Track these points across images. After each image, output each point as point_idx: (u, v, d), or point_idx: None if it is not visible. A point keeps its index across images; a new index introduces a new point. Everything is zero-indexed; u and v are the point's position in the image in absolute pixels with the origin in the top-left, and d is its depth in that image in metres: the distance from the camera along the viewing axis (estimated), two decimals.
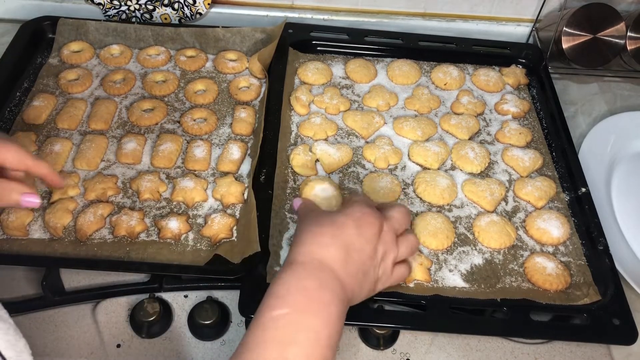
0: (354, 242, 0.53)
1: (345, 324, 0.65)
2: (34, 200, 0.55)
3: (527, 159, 0.81)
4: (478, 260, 0.71)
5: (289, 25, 0.95)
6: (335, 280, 0.51)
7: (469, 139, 0.85)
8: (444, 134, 0.86)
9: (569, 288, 0.69)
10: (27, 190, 0.55)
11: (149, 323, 0.64)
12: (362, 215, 0.55)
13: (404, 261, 0.61)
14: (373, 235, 0.55)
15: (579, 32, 0.95)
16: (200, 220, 0.72)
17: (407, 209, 0.60)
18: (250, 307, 0.62)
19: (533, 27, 1.03)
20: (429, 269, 0.69)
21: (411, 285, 0.67)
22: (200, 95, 0.86)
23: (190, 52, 0.92)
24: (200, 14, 0.98)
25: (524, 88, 0.95)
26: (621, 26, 0.95)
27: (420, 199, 0.76)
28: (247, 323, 0.65)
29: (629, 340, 0.64)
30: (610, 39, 0.95)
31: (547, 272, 0.69)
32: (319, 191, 0.71)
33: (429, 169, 0.80)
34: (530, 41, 1.04)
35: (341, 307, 0.51)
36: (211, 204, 0.74)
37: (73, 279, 0.68)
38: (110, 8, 0.97)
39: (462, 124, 0.85)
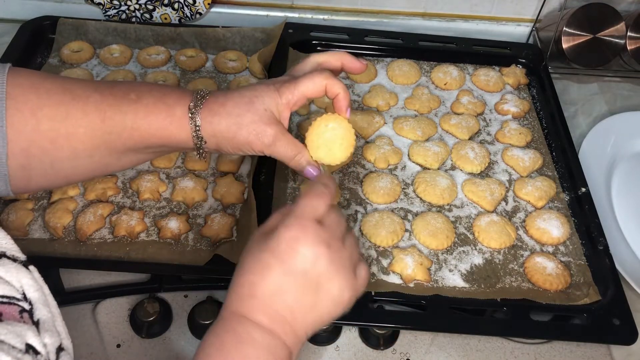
0: (280, 284, 0.46)
1: (346, 324, 0.66)
2: (314, 173, 0.58)
3: (527, 159, 0.81)
4: (478, 260, 0.71)
5: (289, 25, 0.95)
6: (257, 331, 0.46)
7: (469, 139, 0.85)
8: (444, 134, 0.86)
9: (569, 288, 0.69)
10: (313, 163, 0.58)
11: (149, 323, 0.64)
12: (288, 250, 0.46)
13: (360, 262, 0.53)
14: (306, 268, 0.46)
15: (579, 32, 0.95)
16: (200, 220, 0.72)
17: (327, 193, 0.51)
18: None
19: (533, 27, 1.03)
20: (429, 269, 0.69)
21: (411, 285, 0.67)
22: None
23: (190, 52, 0.92)
24: (200, 13, 0.98)
25: (524, 88, 0.95)
26: (621, 26, 0.94)
27: (420, 199, 0.76)
28: None
29: (629, 340, 0.64)
30: (610, 39, 0.95)
31: (547, 272, 0.69)
32: (325, 130, 0.59)
33: (429, 169, 0.80)
34: (530, 41, 1.04)
35: (271, 357, 0.46)
36: (211, 204, 0.74)
37: (73, 279, 0.68)
38: (110, 8, 0.97)
39: (462, 124, 0.85)
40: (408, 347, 0.66)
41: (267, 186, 0.74)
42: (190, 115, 0.55)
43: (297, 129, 0.83)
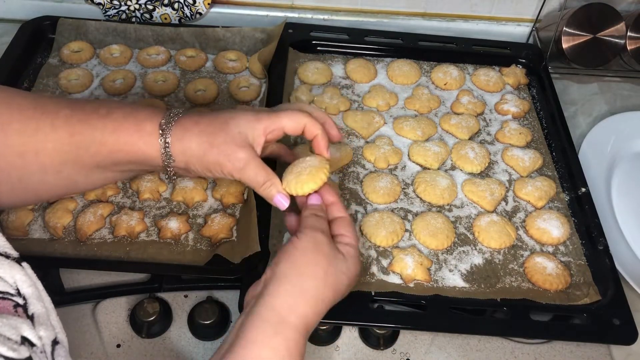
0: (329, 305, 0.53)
1: (346, 324, 0.66)
2: (283, 203, 0.58)
3: (527, 159, 0.81)
4: (478, 260, 0.71)
5: (289, 25, 0.95)
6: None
7: (469, 139, 0.85)
8: (444, 133, 0.86)
9: (569, 288, 0.69)
10: (283, 192, 0.58)
11: (149, 323, 0.64)
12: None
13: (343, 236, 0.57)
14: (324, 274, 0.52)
15: (579, 32, 0.95)
16: (200, 220, 0.72)
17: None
18: None
19: (533, 27, 1.03)
20: (429, 269, 0.69)
21: (411, 285, 0.67)
22: (200, 95, 0.86)
23: (190, 52, 0.92)
24: (200, 13, 0.98)
25: (524, 88, 0.95)
26: (621, 26, 0.94)
27: (420, 199, 0.76)
28: None
29: (629, 340, 0.64)
30: (610, 39, 0.95)
31: (547, 272, 0.69)
32: (301, 162, 0.60)
33: (429, 168, 0.80)
34: (530, 41, 1.04)
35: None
36: (211, 204, 0.74)
37: (73, 279, 0.68)
38: (110, 8, 0.97)
39: (462, 123, 0.85)
40: (408, 347, 0.66)
41: None
42: (160, 131, 0.55)
43: None
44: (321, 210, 0.58)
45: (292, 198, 0.59)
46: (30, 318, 0.40)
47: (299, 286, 0.50)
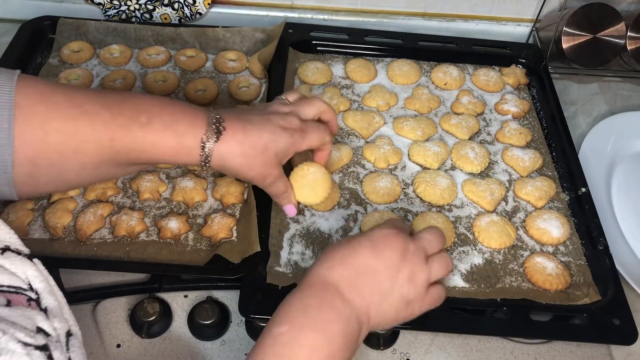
0: (367, 263, 0.52)
1: None
2: (291, 212, 0.66)
3: (527, 159, 0.81)
4: (478, 260, 0.71)
5: (288, 25, 0.95)
6: (339, 299, 0.50)
7: (469, 139, 0.85)
8: (444, 133, 0.86)
9: (569, 288, 0.69)
10: (294, 203, 0.66)
11: (149, 323, 0.64)
12: (381, 237, 0.54)
13: (439, 282, 0.58)
14: (393, 256, 0.53)
15: (579, 32, 0.95)
16: (200, 220, 0.72)
17: (439, 230, 0.58)
18: (250, 307, 0.62)
19: (533, 27, 1.03)
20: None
21: None
22: (200, 95, 0.86)
23: (190, 52, 0.92)
24: (200, 13, 0.98)
25: (524, 88, 0.95)
26: (621, 26, 0.94)
27: (420, 199, 0.76)
28: (247, 323, 0.66)
29: (629, 340, 0.64)
30: (610, 39, 0.95)
31: (547, 272, 0.69)
32: (308, 173, 0.67)
33: (429, 168, 0.80)
34: (530, 41, 1.04)
35: (347, 326, 0.49)
36: (211, 204, 0.74)
37: (73, 279, 0.68)
38: (110, 8, 0.97)
39: (462, 123, 0.85)
40: (408, 347, 0.66)
41: None
42: (201, 146, 0.56)
43: None
44: None
45: None
46: (44, 311, 0.41)
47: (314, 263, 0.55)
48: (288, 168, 0.66)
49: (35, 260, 0.43)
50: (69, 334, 0.41)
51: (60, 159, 0.52)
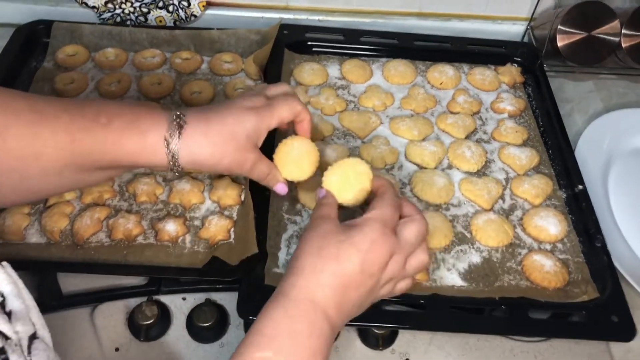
0: (355, 279, 0.51)
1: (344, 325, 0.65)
2: (282, 191, 0.65)
3: (524, 157, 0.82)
4: (476, 258, 0.71)
5: (284, 27, 0.95)
6: (327, 324, 0.49)
7: (466, 137, 0.85)
8: (441, 133, 0.86)
9: (567, 285, 0.69)
10: (282, 181, 0.64)
11: (147, 326, 0.64)
12: (370, 247, 0.51)
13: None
14: (379, 269, 0.52)
15: (573, 30, 0.95)
16: (197, 223, 0.72)
17: (423, 223, 0.56)
18: (249, 308, 0.62)
19: (528, 25, 1.03)
20: (427, 268, 0.69)
21: None
22: (196, 97, 0.86)
23: (185, 55, 0.92)
24: (195, 16, 0.98)
25: (520, 86, 0.95)
26: (615, 24, 0.95)
27: (418, 198, 0.76)
28: (246, 325, 0.65)
29: (627, 336, 0.65)
30: (605, 36, 0.95)
31: (545, 270, 0.69)
32: (292, 149, 0.65)
33: (425, 168, 0.80)
34: (525, 40, 1.04)
35: (328, 350, 0.49)
36: (208, 206, 0.74)
37: (70, 283, 0.68)
38: (104, 11, 0.97)
39: (459, 123, 0.85)
40: (407, 346, 0.66)
41: (264, 188, 0.74)
42: (166, 143, 0.55)
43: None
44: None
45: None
46: (8, 314, 0.41)
47: (296, 267, 0.52)
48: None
49: (4, 263, 0.43)
50: (33, 337, 0.41)
51: (21, 165, 0.51)
